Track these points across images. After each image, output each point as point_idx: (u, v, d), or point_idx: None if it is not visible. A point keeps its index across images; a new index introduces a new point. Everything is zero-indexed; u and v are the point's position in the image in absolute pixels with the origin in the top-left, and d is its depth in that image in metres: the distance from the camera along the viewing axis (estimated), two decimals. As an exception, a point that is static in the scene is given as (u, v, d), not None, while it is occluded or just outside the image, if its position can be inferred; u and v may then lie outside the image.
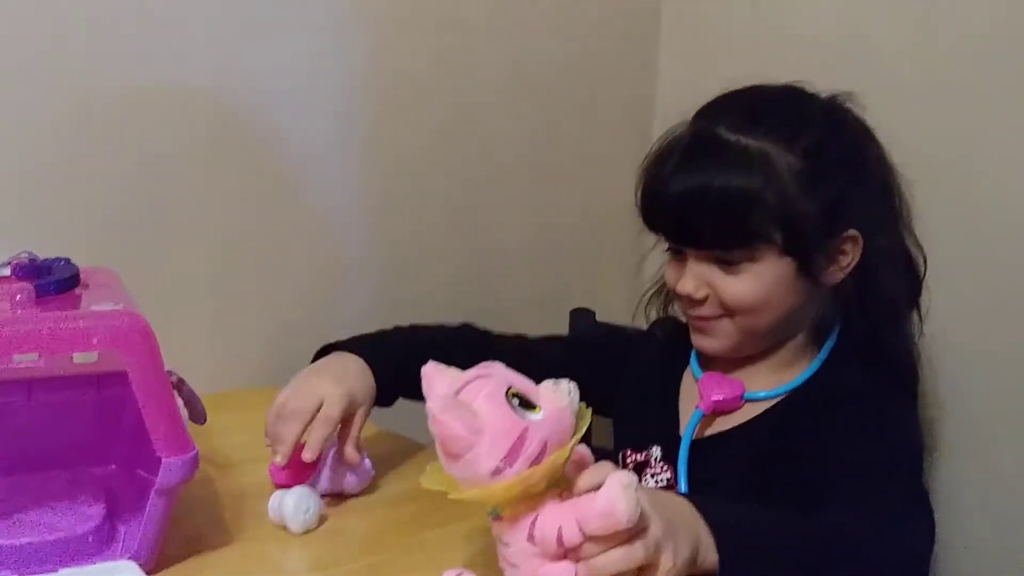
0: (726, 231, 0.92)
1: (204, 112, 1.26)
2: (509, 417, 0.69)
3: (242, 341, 1.35)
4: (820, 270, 0.94)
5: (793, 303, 0.95)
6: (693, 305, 0.97)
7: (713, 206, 0.91)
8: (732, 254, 0.93)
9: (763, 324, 0.95)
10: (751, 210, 0.90)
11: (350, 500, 0.96)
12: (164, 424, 0.78)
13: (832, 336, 1.00)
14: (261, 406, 1.27)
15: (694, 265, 0.95)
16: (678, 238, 0.96)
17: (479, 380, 0.72)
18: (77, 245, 0.96)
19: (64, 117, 1.17)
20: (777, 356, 1.00)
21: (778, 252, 0.92)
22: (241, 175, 1.31)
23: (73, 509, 0.85)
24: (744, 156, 0.92)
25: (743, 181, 0.91)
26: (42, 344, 0.76)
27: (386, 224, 1.44)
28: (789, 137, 0.92)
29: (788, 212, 0.91)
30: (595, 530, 0.67)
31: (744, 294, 0.93)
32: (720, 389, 0.99)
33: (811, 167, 0.92)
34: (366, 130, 1.39)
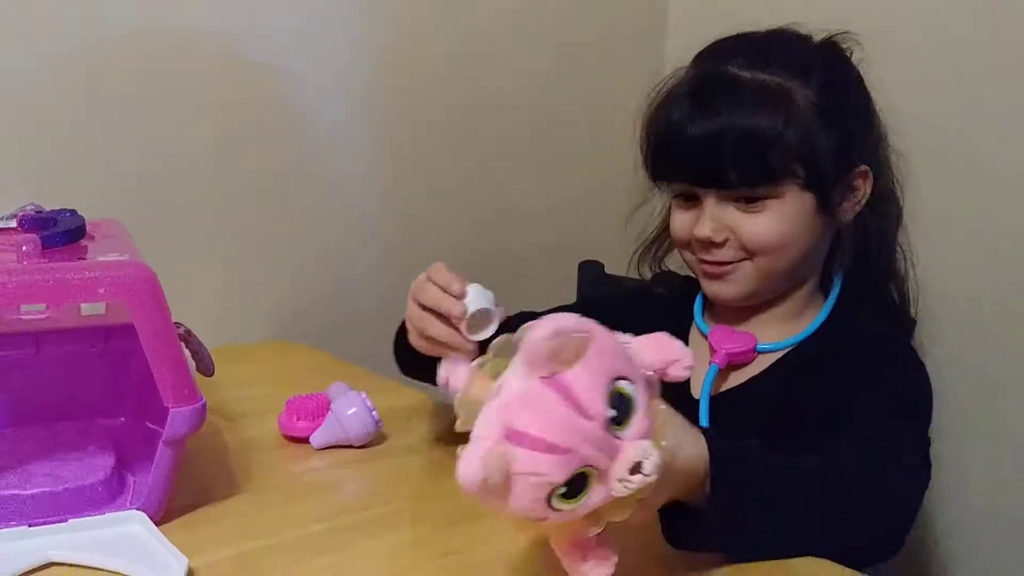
0: (753, 169, 0.91)
1: (216, 64, 1.25)
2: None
3: (251, 295, 1.35)
4: (836, 206, 0.95)
5: (810, 243, 0.95)
6: (710, 250, 0.95)
7: (738, 145, 0.90)
8: (756, 191, 0.92)
9: (782, 265, 0.95)
10: (776, 146, 0.90)
11: (357, 451, 0.97)
12: (171, 374, 0.78)
13: (836, 285, 1.00)
14: (270, 359, 1.28)
15: (712, 208, 0.94)
16: (699, 181, 0.94)
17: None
18: (83, 197, 0.96)
19: (72, 70, 1.16)
20: (785, 306, 0.99)
21: (800, 188, 0.92)
22: (253, 128, 1.30)
23: (82, 460, 0.85)
24: (765, 92, 0.92)
25: (767, 116, 0.90)
26: (48, 295, 0.75)
27: (400, 179, 1.43)
28: (802, 72, 0.93)
29: (810, 147, 0.91)
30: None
31: (767, 233, 0.93)
32: (732, 341, 0.98)
33: (826, 101, 0.93)
34: (383, 84, 1.38)
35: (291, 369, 1.24)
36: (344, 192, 1.39)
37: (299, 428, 0.98)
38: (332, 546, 0.78)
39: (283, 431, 0.99)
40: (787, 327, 0.99)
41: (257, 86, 1.29)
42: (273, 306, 1.36)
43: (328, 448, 0.97)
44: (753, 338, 0.98)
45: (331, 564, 0.75)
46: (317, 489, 0.90)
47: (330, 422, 0.97)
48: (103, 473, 0.82)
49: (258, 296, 1.35)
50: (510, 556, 0.76)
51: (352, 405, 0.97)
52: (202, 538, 0.78)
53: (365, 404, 0.97)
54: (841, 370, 0.93)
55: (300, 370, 1.23)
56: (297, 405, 0.99)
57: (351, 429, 0.96)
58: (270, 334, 1.35)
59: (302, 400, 0.99)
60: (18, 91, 1.13)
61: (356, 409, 0.96)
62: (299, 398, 1.00)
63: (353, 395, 0.98)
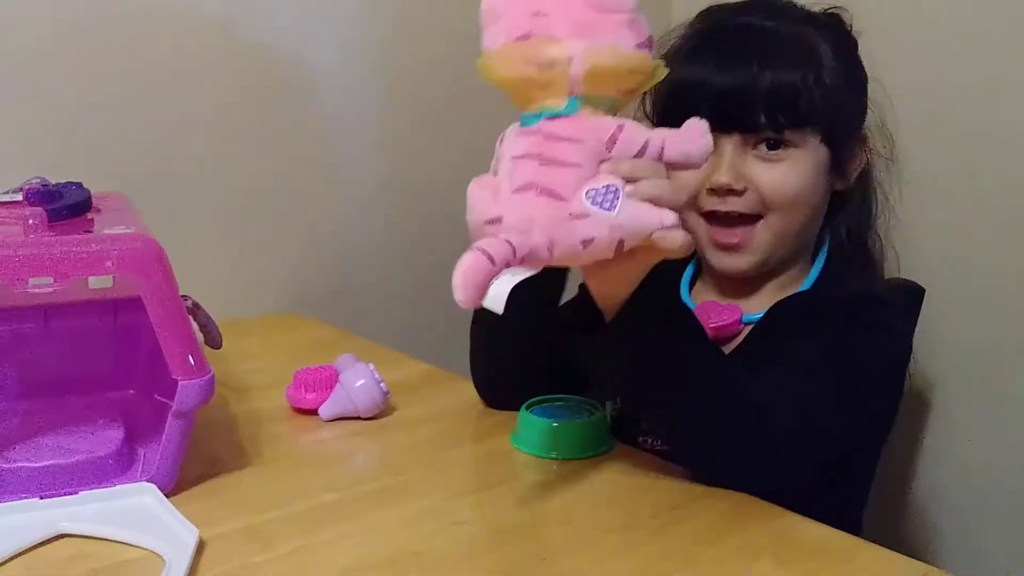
0: (783, 111, 0.91)
1: (221, 38, 1.25)
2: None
3: (259, 267, 1.35)
4: (845, 165, 0.96)
5: (819, 202, 0.96)
6: (726, 199, 0.94)
7: (771, 91, 0.90)
8: (783, 135, 0.92)
9: (794, 224, 0.94)
10: (807, 93, 0.90)
11: (365, 423, 0.97)
12: (179, 347, 0.78)
13: (823, 252, 1.00)
14: (277, 331, 1.28)
15: (731, 155, 0.93)
16: (723, 123, 0.92)
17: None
18: (89, 171, 0.96)
19: (76, 44, 1.16)
20: (780, 279, 0.99)
21: (819, 141, 0.93)
22: (260, 103, 1.30)
23: (92, 433, 0.85)
24: (792, 40, 0.92)
25: (799, 63, 0.91)
26: (55, 268, 0.75)
27: (405, 153, 1.43)
28: (819, 28, 0.94)
29: (834, 99, 0.92)
30: (674, 156, 0.71)
31: (786, 183, 0.92)
32: (717, 316, 0.97)
33: (841, 60, 0.94)
34: (387, 61, 1.38)
35: (299, 341, 1.24)
36: (350, 166, 1.38)
37: (307, 400, 0.98)
38: (342, 516, 0.78)
39: (291, 403, 0.99)
40: (774, 297, 0.98)
41: (264, 60, 1.28)
42: (280, 279, 1.36)
43: (336, 420, 0.97)
44: (738, 310, 0.98)
45: (341, 534, 0.75)
46: (326, 460, 0.91)
47: (338, 394, 0.97)
48: (113, 445, 0.83)
49: (265, 269, 1.35)
50: (519, 527, 0.77)
51: (360, 377, 0.97)
52: (212, 509, 0.78)
53: (373, 375, 0.97)
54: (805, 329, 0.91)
55: (308, 342, 1.24)
56: (305, 377, 0.99)
57: (359, 401, 0.96)
58: (277, 307, 1.35)
59: (310, 372, 0.99)
60: (23, 65, 1.13)
61: (364, 381, 0.96)
62: (307, 370, 1.00)
63: (361, 367, 0.98)
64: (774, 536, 0.75)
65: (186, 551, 0.70)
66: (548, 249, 0.69)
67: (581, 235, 0.69)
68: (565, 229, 0.69)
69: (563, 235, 0.69)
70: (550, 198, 0.69)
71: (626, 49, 0.70)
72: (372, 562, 0.71)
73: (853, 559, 0.73)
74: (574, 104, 0.71)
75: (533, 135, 0.71)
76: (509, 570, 0.71)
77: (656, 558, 0.72)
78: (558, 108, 0.71)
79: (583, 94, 0.71)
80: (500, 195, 0.71)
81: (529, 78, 0.71)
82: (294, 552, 0.72)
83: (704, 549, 0.73)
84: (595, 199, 0.69)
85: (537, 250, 0.68)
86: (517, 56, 0.71)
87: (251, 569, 0.70)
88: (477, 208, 0.73)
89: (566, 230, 0.69)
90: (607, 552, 0.73)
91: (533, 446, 0.89)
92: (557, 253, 0.69)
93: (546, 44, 0.70)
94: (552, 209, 0.69)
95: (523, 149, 0.71)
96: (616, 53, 0.70)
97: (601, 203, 0.69)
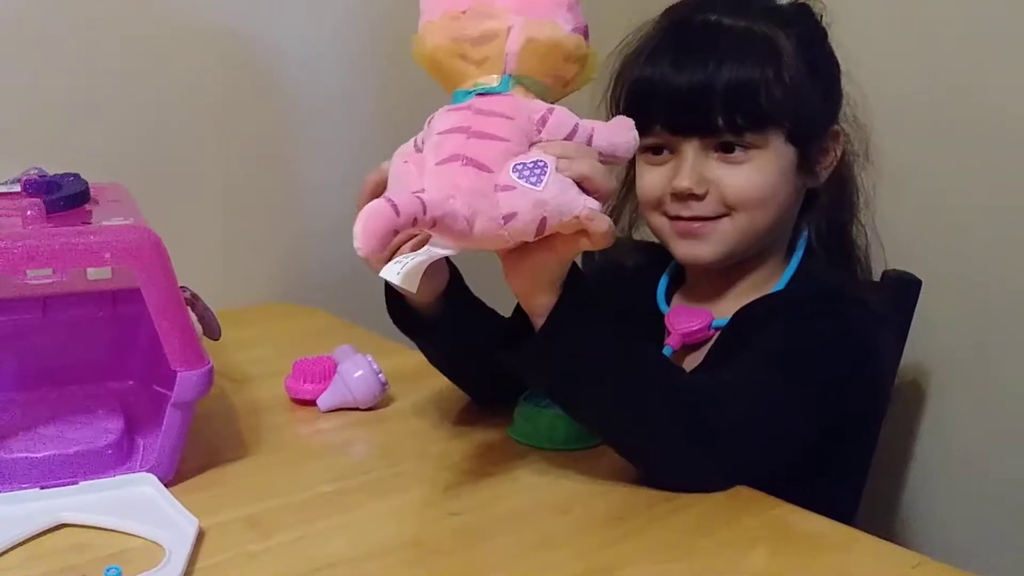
0: (741, 112, 0.88)
1: (217, 28, 1.24)
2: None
3: (257, 258, 1.35)
4: (814, 164, 0.94)
5: (788, 201, 0.93)
6: (688, 204, 0.91)
7: (728, 91, 0.88)
8: (743, 138, 0.89)
9: (761, 223, 0.91)
10: (766, 92, 0.88)
11: (363, 413, 0.97)
12: (178, 338, 0.78)
13: (798, 252, 0.97)
14: (276, 321, 1.29)
15: (692, 159, 0.90)
16: (681, 127, 0.91)
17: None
18: (87, 162, 0.96)
19: (73, 35, 1.16)
20: (753, 277, 0.97)
21: (783, 140, 0.90)
22: (257, 92, 1.30)
23: (92, 423, 0.86)
24: (753, 39, 0.90)
25: (758, 62, 0.89)
26: (54, 259, 0.76)
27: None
28: (783, 24, 0.91)
29: (797, 96, 0.89)
30: (602, 145, 0.72)
31: (750, 186, 0.90)
32: (687, 321, 0.96)
33: (808, 54, 0.91)
34: (382, 48, 1.37)
35: (297, 332, 1.25)
36: (347, 155, 1.38)
37: (306, 391, 0.98)
38: (340, 507, 0.79)
39: (290, 394, 1.00)
40: (750, 299, 0.95)
41: (261, 51, 1.28)
42: (278, 269, 1.36)
43: (335, 410, 0.97)
44: (709, 315, 0.95)
45: (339, 525, 0.76)
46: (325, 451, 0.91)
47: (337, 384, 0.97)
48: (113, 436, 0.83)
49: (263, 259, 1.35)
50: (516, 517, 0.77)
51: (358, 367, 0.97)
52: (212, 499, 0.78)
53: (371, 366, 0.97)
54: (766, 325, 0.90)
55: (306, 333, 1.24)
56: (304, 368, 0.99)
57: (358, 391, 0.97)
58: (275, 297, 1.35)
59: (308, 363, 1.00)
60: (19, 56, 1.13)
61: (362, 371, 0.97)
62: (305, 361, 1.00)
63: (359, 357, 0.98)
64: (769, 526, 0.75)
65: (186, 540, 0.70)
66: (468, 220, 0.67)
67: (505, 208, 0.68)
68: (488, 201, 0.68)
69: (485, 207, 0.67)
70: (477, 169, 0.68)
71: (564, 30, 0.72)
72: (370, 551, 0.72)
73: (847, 549, 0.73)
74: (507, 83, 0.71)
75: (463, 110, 0.71)
76: (506, 560, 0.72)
77: (652, 548, 0.72)
78: (492, 85, 0.71)
79: (517, 73, 0.71)
80: (424, 169, 0.71)
81: (463, 54, 0.72)
82: (293, 541, 0.73)
83: (700, 539, 0.73)
84: (522, 172, 0.68)
85: (455, 216, 0.66)
86: (454, 27, 0.72)
87: (250, 558, 0.71)
88: (402, 181, 0.72)
89: (489, 202, 0.67)
90: (604, 542, 0.74)
91: (530, 437, 0.89)
92: (477, 227, 0.67)
93: (485, 14, 0.71)
94: (478, 180, 0.68)
95: (451, 123, 0.71)
96: (554, 30, 0.71)
97: (528, 177, 0.68)
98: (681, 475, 0.79)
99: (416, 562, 0.72)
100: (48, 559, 0.70)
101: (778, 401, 0.82)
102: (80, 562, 0.69)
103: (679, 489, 0.79)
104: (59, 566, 0.69)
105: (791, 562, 0.71)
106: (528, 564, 0.71)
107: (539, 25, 0.71)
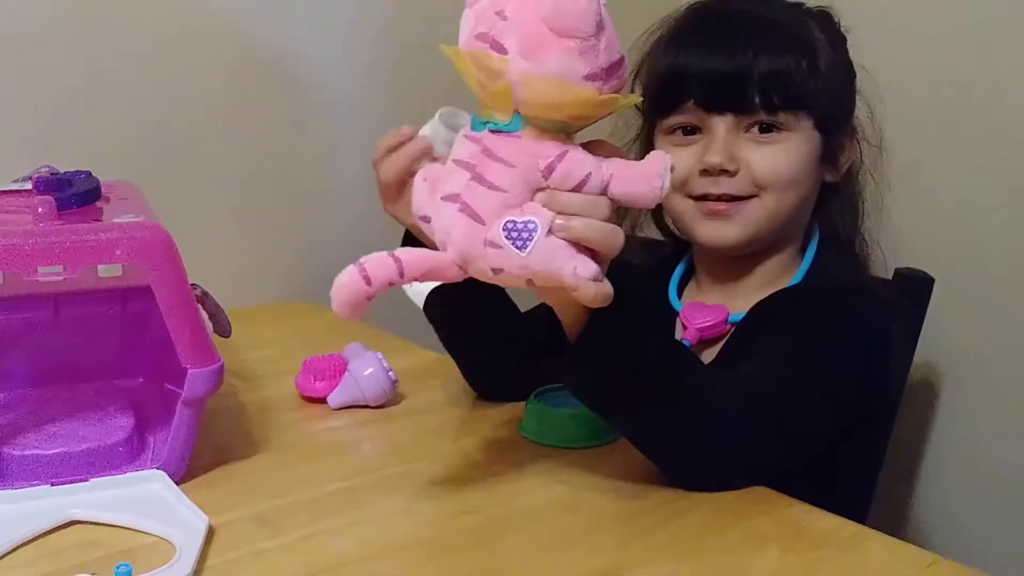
0: (777, 92, 0.90)
1: (228, 27, 1.25)
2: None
3: (267, 256, 1.35)
4: (835, 157, 0.95)
5: (810, 189, 0.94)
6: (719, 181, 0.91)
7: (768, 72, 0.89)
8: (777, 117, 0.90)
9: (787, 206, 0.92)
10: (802, 75, 0.90)
11: (374, 411, 0.97)
12: (188, 335, 0.78)
13: (811, 248, 0.98)
14: (286, 319, 1.29)
15: (723, 137, 0.91)
16: (715, 104, 0.91)
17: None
18: (98, 159, 0.96)
19: (85, 33, 1.16)
20: (769, 266, 0.97)
21: (812, 126, 0.92)
22: (269, 90, 1.30)
23: (103, 420, 0.86)
24: (787, 25, 0.92)
25: (794, 47, 0.90)
26: (65, 256, 0.76)
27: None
28: (810, 17, 0.94)
29: (829, 83, 0.91)
30: (619, 194, 0.67)
31: (780, 165, 0.91)
32: (703, 316, 0.95)
33: (836, 51, 0.94)
34: (394, 55, 1.37)
35: (307, 330, 1.25)
36: (358, 153, 1.38)
37: (316, 388, 0.98)
38: (350, 505, 0.79)
39: (300, 392, 1.00)
40: (765, 293, 0.96)
41: (272, 51, 1.28)
42: (289, 268, 1.36)
43: (345, 408, 0.97)
44: (724, 310, 0.96)
45: (349, 523, 0.76)
46: (335, 449, 0.91)
47: (347, 382, 0.97)
48: (123, 433, 0.83)
49: (274, 257, 1.35)
50: (527, 515, 0.77)
51: (369, 365, 0.97)
52: (222, 497, 0.78)
53: (382, 364, 0.97)
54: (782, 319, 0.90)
55: (316, 331, 1.24)
56: (314, 366, 0.99)
57: (368, 389, 0.97)
58: (286, 295, 1.35)
59: (319, 361, 1.00)
60: (32, 55, 1.13)
61: (373, 369, 0.97)
62: (316, 359, 1.00)
63: (370, 355, 0.98)
64: (781, 525, 0.75)
65: (196, 537, 0.70)
66: (460, 267, 0.68)
67: (491, 263, 0.67)
68: (478, 253, 0.67)
69: (475, 258, 0.67)
70: (470, 219, 0.67)
71: (572, 81, 0.64)
72: (380, 550, 0.72)
73: (860, 548, 0.73)
74: (518, 122, 0.67)
75: (475, 143, 0.68)
76: (516, 559, 0.71)
77: (663, 547, 0.72)
78: (503, 122, 0.67)
79: (527, 115, 0.67)
80: (435, 195, 0.70)
81: (480, 82, 0.68)
82: (303, 539, 0.73)
83: (711, 538, 0.73)
84: (509, 233, 0.66)
85: (443, 267, 0.68)
86: (476, 53, 0.68)
87: (260, 556, 0.70)
88: (417, 200, 0.72)
89: (479, 254, 0.67)
90: (615, 541, 0.73)
91: (540, 435, 0.89)
92: (471, 271, 0.68)
93: (491, 57, 0.66)
94: (470, 230, 0.67)
95: (464, 155, 0.69)
96: (556, 87, 0.65)
97: (515, 240, 0.65)
98: (706, 479, 0.79)
99: (426, 560, 0.71)
100: (58, 556, 0.70)
101: (802, 400, 0.83)
102: (90, 559, 0.69)
103: (703, 489, 0.79)
104: (69, 563, 0.69)
105: (803, 561, 0.71)
106: (539, 563, 0.70)
107: (542, 83, 0.64)
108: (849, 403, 0.87)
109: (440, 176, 0.71)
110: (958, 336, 1.18)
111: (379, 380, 0.97)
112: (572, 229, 0.66)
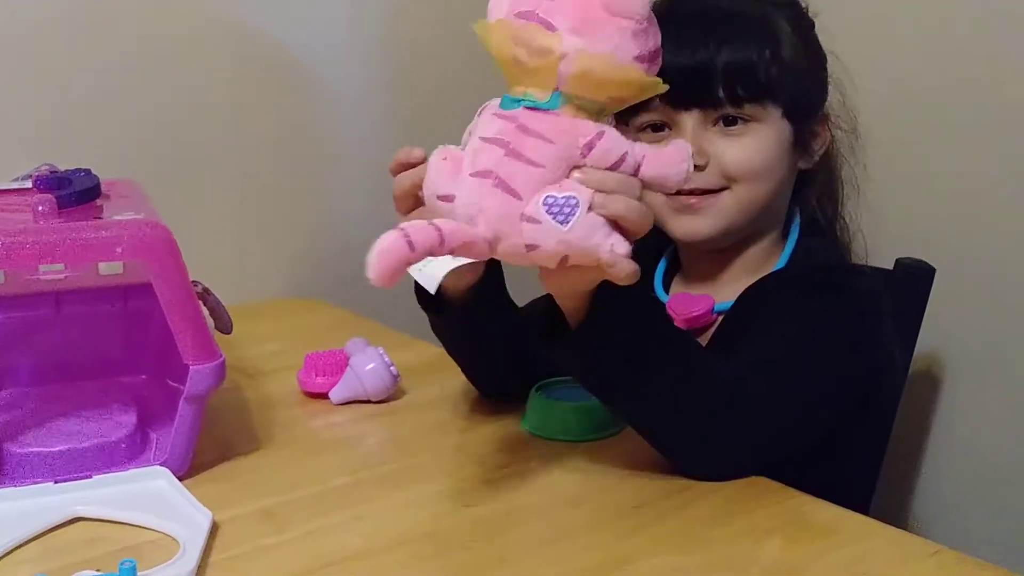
0: (742, 85, 0.89)
1: (228, 23, 1.24)
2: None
3: (268, 252, 1.35)
4: (807, 144, 0.95)
5: (784, 177, 0.94)
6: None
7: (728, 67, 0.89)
8: (743, 110, 0.90)
9: (760, 196, 0.93)
10: (766, 66, 0.90)
11: (376, 406, 0.97)
12: (190, 332, 0.78)
13: (793, 234, 0.98)
14: (288, 316, 1.29)
15: (692, 132, 0.91)
16: (682, 102, 0.91)
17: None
18: (98, 157, 0.96)
19: (84, 30, 1.16)
20: (751, 255, 0.97)
21: (780, 116, 0.92)
22: (268, 86, 1.30)
23: (105, 417, 0.86)
24: (750, 17, 0.92)
25: (756, 39, 0.90)
26: (66, 254, 0.76)
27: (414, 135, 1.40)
28: (776, 7, 0.94)
29: (795, 73, 0.91)
30: (650, 175, 0.68)
31: (750, 157, 0.91)
32: (689, 307, 0.95)
33: (801, 36, 0.94)
34: (395, 43, 1.37)
35: (309, 325, 1.25)
36: (359, 150, 1.38)
37: (318, 384, 0.99)
38: (353, 499, 0.79)
39: (302, 387, 1.00)
40: (743, 285, 0.96)
41: (272, 46, 1.28)
42: (290, 264, 1.36)
43: (347, 403, 0.97)
44: (710, 300, 0.96)
45: (353, 517, 0.76)
46: (338, 444, 0.91)
47: (349, 377, 0.97)
48: (126, 430, 0.83)
49: (275, 253, 1.36)
50: (530, 509, 0.77)
51: (370, 360, 0.97)
52: (225, 493, 0.78)
53: (383, 359, 0.97)
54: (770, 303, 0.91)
55: (318, 326, 1.24)
56: (316, 361, 0.99)
57: (370, 384, 0.97)
58: (287, 291, 1.35)
59: (320, 356, 1.00)
60: (31, 52, 1.13)
61: (374, 364, 0.97)
62: (317, 354, 1.00)
63: (371, 350, 0.98)
64: (785, 516, 0.75)
65: (200, 534, 0.70)
66: (490, 243, 0.66)
67: (527, 239, 0.66)
68: (513, 228, 0.66)
69: (509, 234, 0.66)
70: (506, 193, 0.66)
71: (623, 60, 0.66)
72: (384, 544, 0.72)
73: (863, 539, 0.73)
74: (557, 99, 0.67)
75: (508, 120, 0.68)
76: (520, 552, 0.72)
77: (667, 539, 0.72)
78: (540, 100, 0.67)
79: (569, 92, 0.67)
80: (460, 173, 0.69)
81: (518, 59, 0.68)
82: (306, 534, 0.73)
83: (714, 530, 0.73)
84: (551, 208, 0.65)
85: (475, 242, 0.66)
86: (510, 33, 0.68)
87: (264, 551, 0.71)
88: (434, 180, 0.70)
89: (514, 229, 0.66)
90: (618, 534, 0.73)
91: (543, 428, 0.89)
92: (500, 249, 0.67)
93: (541, 33, 0.66)
94: (505, 205, 0.66)
95: (494, 132, 0.68)
96: (611, 64, 0.66)
97: (556, 214, 0.65)
98: (715, 466, 0.79)
99: (431, 554, 0.72)
100: (63, 553, 0.70)
101: (803, 381, 0.83)
102: (95, 556, 0.69)
103: (710, 479, 0.79)
104: (74, 560, 0.69)
105: (806, 552, 0.71)
106: (542, 556, 0.71)
107: (596, 59, 0.66)
108: (852, 377, 0.88)
109: (461, 156, 0.70)
110: (960, 326, 1.18)
111: (381, 375, 0.97)
112: (612, 207, 0.67)
